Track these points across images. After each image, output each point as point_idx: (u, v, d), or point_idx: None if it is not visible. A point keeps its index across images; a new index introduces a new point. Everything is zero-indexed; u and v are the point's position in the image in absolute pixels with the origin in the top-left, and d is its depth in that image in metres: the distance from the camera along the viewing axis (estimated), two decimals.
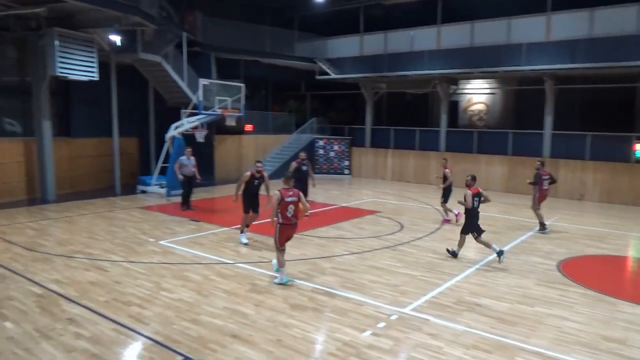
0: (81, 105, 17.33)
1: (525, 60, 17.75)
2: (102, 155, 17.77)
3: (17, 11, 12.57)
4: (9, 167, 14.43)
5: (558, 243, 10.77)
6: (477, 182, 9.39)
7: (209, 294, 7.08)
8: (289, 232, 7.78)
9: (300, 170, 12.93)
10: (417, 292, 7.35)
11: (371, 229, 11.82)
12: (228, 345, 5.44)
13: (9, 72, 15.53)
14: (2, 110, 15.23)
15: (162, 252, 9.26)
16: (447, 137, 21.42)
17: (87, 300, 6.68)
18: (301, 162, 13.30)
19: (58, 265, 8.26)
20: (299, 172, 12.65)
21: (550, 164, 18.24)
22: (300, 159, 13.41)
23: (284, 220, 7.57)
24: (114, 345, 5.41)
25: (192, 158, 13.80)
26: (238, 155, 21.84)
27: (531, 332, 6.01)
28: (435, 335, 5.83)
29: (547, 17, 17.68)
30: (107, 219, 12.36)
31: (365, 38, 22.58)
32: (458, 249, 9.37)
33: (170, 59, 17.70)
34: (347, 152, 23.70)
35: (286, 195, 7.53)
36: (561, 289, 7.67)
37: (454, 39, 19.84)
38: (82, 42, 13.95)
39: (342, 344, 5.55)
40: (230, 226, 11.62)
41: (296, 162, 13.19)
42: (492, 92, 23.48)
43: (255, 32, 22.28)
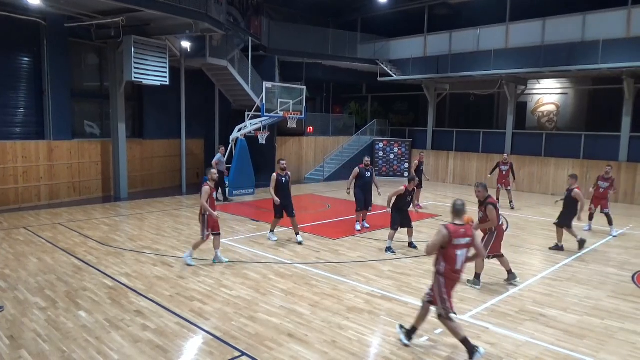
0: (153, 109, 18.31)
1: (601, 57, 16.69)
2: (170, 155, 18.70)
3: (98, 21, 13.51)
4: (88, 166, 15.49)
5: (634, 253, 10.05)
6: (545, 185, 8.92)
7: (266, 292, 7.24)
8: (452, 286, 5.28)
9: (364, 177, 11.48)
10: (477, 299, 7.13)
11: (430, 233, 11.56)
12: (284, 344, 5.54)
13: (90, 78, 16.73)
14: (83, 114, 16.42)
15: (223, 251, 9.54)
16: (514, 140, 20.58)
17: (153, 294, 7.03)
18: (365, 167, 11.55)
19: (128, 260, 8.77)
20: (361, 179, 11.45)
21: (628, 168, 17.11)
22: (363, 164, 11.64)
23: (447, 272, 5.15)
24: (177, 338, 5.66)
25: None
26: (298, 156, 22.18)
27: (601, 346, 5.66)
28: (495, 345, 5.63)
29: (627, 11, 16.55)
30: (174, 216, 12.95)
31: (429, 38, 22.18)
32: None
33: (236, 63, 18.31)
34: (407, 154, 23.38)
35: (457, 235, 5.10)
36: (636, 302, 7.15)
37: (524, 37, 19.00)
38: (156, 48, 14.73)
39: (397, 348, 5.49)
40: (289, 227, 11.79)
41: (358, 168, 11.59)
42: (563, 92, 22.29)
43: (318, 35, 22.51)
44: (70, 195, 14.92)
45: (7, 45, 13.55)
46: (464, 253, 5.16)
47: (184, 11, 13.10)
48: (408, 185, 9.67)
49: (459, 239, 5.08)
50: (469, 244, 5.19)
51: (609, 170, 11.95)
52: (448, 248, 5.05)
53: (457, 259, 5.10)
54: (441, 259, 5.15)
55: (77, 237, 10.37)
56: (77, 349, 5.29)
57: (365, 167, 11.55)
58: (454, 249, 5.06)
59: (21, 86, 13.96)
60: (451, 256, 5.09)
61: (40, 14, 13.45)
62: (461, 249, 5.11)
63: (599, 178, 12.03)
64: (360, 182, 11.46)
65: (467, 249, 5.20)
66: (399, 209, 9.71)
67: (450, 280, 5.17)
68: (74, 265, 8.36)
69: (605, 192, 11.83)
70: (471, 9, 21.51)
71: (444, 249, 5.08)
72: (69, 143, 14.83)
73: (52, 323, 5.95)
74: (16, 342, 5.42)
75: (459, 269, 5.17)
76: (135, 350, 5.29)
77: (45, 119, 14.31)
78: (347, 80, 25.44)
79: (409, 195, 9.71)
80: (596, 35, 16.93)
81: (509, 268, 7.89)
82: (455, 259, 5.09)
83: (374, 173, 11.85)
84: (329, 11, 24.72)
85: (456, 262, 5.11)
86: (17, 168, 13.57)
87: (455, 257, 5.09)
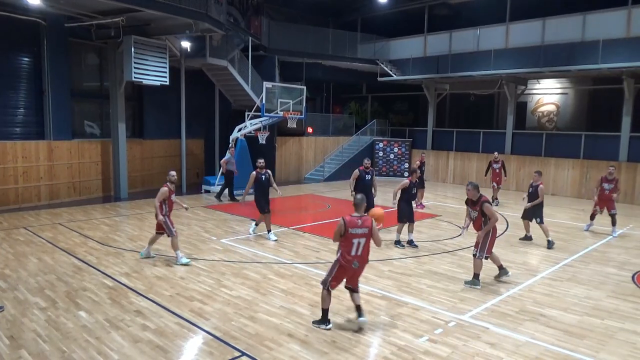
0: (152, 109, 18.31)
1: (601, 57, 16.68)
2: (170, 155, 18.70)
3: (98, 21, 13.52)
4: (88, 166, 15.49)
5: (634, 253, 10.05)
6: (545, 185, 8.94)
7: (266, 292, 7.24)
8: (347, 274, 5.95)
9: (363, 180, 11.07)
10: (477, 299, 7.13)
11: (430, 232, 11.60)
12: (284, 344, 5.54)
13: (90, 78, 16.74)
14: (83, 114, 16.42)
15: (223, 250, 9.58)
16: (514, 140, 20.59)
17: (153, 294, 7.03)
18: (364, 170, 11.19)
19: (128, 260, 8.77)
20: (361, 181, 11.09)
21: (628, 168, 17.11)
22: (363, 167, 11.26)
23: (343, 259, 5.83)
24: (177, 338, 5.66)
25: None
26: (298, 156, 22.19)
27: (601, 346, 5.66)
28: (495, 345, 5.63)
29: (627, 11, 16.55)
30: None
31: (429, 38, 22.18)
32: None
33: (236, 63, 18.32)
34: (407, 154, 23.38)
35: (352, 225, 5.76)
36: (636, 302, 7.15)
37: (524, 37, 19.01)
38: (156, 48, 14.73)
39: (397, 349, 5.49)
40: (289, 226, 11.81)
41: (358, 170, 11.25)
42: (563, 92, 22.29)
43: (318, 35, 22.53)
44: (70, 195, 14.92)
45: (7, 45, 13.55)
46: (360, 242, 5.79)
47: (183, 11, 13.10)
48: (411, 177, 10.21)
49: (355, 229, 5.75)
50: (366, 234, 5.80)
51: (613, 171, 11.73)
52: (346, 236, 5.75)
53: (352, 247, 5.76)
54: (340, 245, 5.86)
55: (77, 237, 10.37)
56: (77, 349, 5.29)
57: (365, 170, 11.18)
58: (351, 237, 5.75)
59: (21, 86, 13.96)
60: (347, 243, 5.77)
61: (40, 13, 13.46)
62: (357, 237, 5.77)
63: (602, 179, 11.76)
64: (359, 185, 11.09)
65: (364, 238, 5.80)
66: (406, 201, 10.10)
67: (343, 264, 5.83)
68: (74, 265, 8.36)
69: (610, 194, 11.61)
70: (471, 9, 21.52)
71: (343, 236, 5.78)
72: (68, 143, 14.82)
73: (52, 323, 5.95)
74: (16, 342, 5.42)
75: (354, 255, 5.80)
76: (135, 350, 5.29)
77: (45, 119, 14.32)
78: (347, 80, 25.44)
79: (413, 187, 10.22)
80: (596, 35, 16.93)
81: (499, 264, 7.93)
82: (351, 246, 5.76)
83: (374, 175, 11.43)
84: (329, 11, 24.72)
85: (351, 249, 5.77)
86: (17, 168, 13.57)
87: (351, 244, 5.75)
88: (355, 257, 5.82)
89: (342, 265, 5.84)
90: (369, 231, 5.82)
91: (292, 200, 16.79)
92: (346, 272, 5.90)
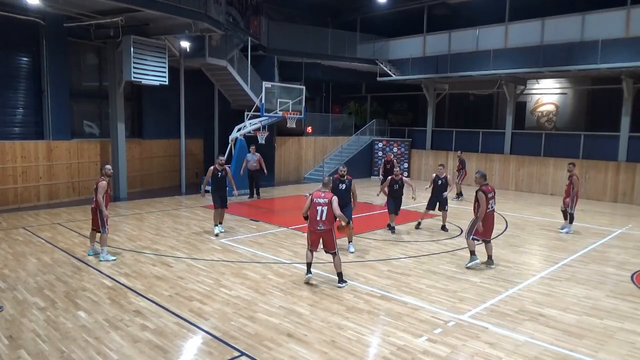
0: (152, 109, 18.30)
1: (601, 57, 16.69)
2: (169, 155, 18.70)
3: (97, 21, 13.50)
4: (87, 166, 15.46)
5: (633, 253, 10.06)
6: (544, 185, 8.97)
7: (265, 292, 7.23)
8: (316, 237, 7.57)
9: (336, 190, 9.16)
10: (476, 299, 7.13)
11: (429, 232, 11.59)
12: (283, 344, 5.54)
13: (89, 78, 16.72)
14: (82, 114, 16.41)
15: (222, 250, 9.58)
16: (513, 140, 20.61)
17: (152, 294, 7.03)
18: (339, 178, 9.55)
19: (127, 260, 8.76)
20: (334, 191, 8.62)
21: (627, 168, 17.13)
22: (338, 175, 9.68)
23: (310, 226, 7.53)
24: (176, 338, 5.66)
25: (257, 154, 16.02)
26: (298, 156, 22.19)
27: (600, 346, 5.66)
28: (494, 345, 5.63)
29: (626, 11, 16.56)
30: (173, 216, 12.95)
31: (428, 38, 22.19)
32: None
33: (235, 63, 18.30)
34: (407, 154, 23.38)
35: (317, 196, 7.50)
36: (635, 301, 7.16)
37: (523, 37, 19.02)
38: (155, 48, 14.72)
39: (397, 348, 5.49)
40: (289, 226, 11.81)
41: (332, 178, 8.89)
42: (562, 92, 22.31)
43: (317, 35, 22.52)
44: (69, 195, 14.90)
45: (6, 45, 13.53)
46: (321, 209, 7.42)
47: (183, 11, 13.09)
48: (439, 173, 11.69)
49: (318, 199, 7.48)
50: (326, 204, 7.42)
51: (571, 168, 11.94)
52: (312, 205, 7.49)
53: (317, 213, 7.45)
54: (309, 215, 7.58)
55: (76, 237, 10.36)
56: (76, 349, 5.28)
57: (340, 178, 9.56)
58: (315, 205, 7.47)
59: (20, 86, 13.94)
60: (313, 211, 7.48)
61: (39, 13, 13.44)
62: (319, 206, 7.45)
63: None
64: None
65: (325, 207, 7.41)
66: (433, 195, 11.68)
67: (311, 230, 7.59)
68: (73, 265, 8.36)
69: (567, 189, 11.96)
70: (470, 8, 21.52)
71: (309, 207, 7.52)
72: (68, 143, 14.81)
73: (51, 323, 5.94)
74: (15, 342, 5.41)
75: (319, 220, 7.43)
76: (134, 351, 5.29)
77: (45, 119, 14.30)
78: (346, 80, 25.45)
79: (439, 180, 11.63)
80: (595, 35, 16.95)
81: (490, 254, 8.82)
82: (316, 213, 7.45)
83: (352, 184, 9.58)
84: (328, 11, 24.72)
85: (316, 215, 7.44)
86: (16, 168, 13.55)
87: (316, 211, 7.46)
88: (320, 222, 7.41)
89: (311, 231, 7.54)
90: (329, 201, 7.41)
91: (291, 200, 16.79)
92: (315, 235, 7.52)
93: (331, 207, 7.38)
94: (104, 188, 8.60)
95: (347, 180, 9.55)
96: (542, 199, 17.54)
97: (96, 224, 8.73)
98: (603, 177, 17.39)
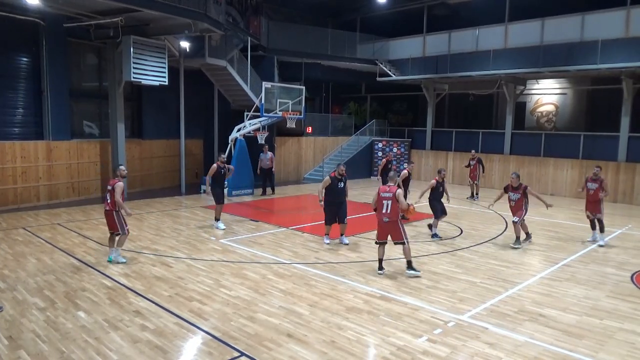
0: (152, 109, 18.29)
1: (600, 57, 16.69)
2: (169, 155, 18.69)
3: (97, 21, 13.49)
4: (87, 166, 15.46)
5: (633, 253, 10.06)
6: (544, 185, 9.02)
7: (265, 292, 7.23)
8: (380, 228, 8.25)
9: (335, 188, 9.95)
10: (476, 299, 7.13)
11: (429, 232, 11.59)
12: (283, 344, 5.54)
13: (89, 78, 16.72)
14: (82, 114, 16.40)
15: (222, 251, 9.58)
16: (513, 140, 20.61)
17: (152, 294, 7.03)
18: (337, 177, 10.01)
19: (127, 260, 8.74)
20: (333, 189, 9.97)
21: (626, 168, 17.13)
22: (336, 173, 10.06)
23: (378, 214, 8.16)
24: (176, 338, 5.66)
25: (269, 153, 17.03)
26: (298, 156, 22.20)
27: (600, 346, 5.66)
28: (494, 345, 5.63)
29: (625, 11, 16.56)
30: (173, 217, 12.95)
31: (428, 38, 22.19)
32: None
33: (235, 63, 18.30)
34: (407, 154, 23.38)
35: (383, 190, 8.09)
36: (635, 302, 7.16)
37: (523, 37, 19.01)
38: (155, 48, 14.70)
39: (397, 349, 5.49)
40: (288, 227, 11.81)
41: (330, 177, 10.06)
42: (562, 92, 22.31)
43: (317, 35, 22.51)
44: (69, 196, 14.90)
45: (6, 45, 13.53)
46: (387, 203, 8.02)
47: (183, 11, 13.08)
48: (438, 177, 11.16)
49: (384, 193, 8.08)
50: (391, 197, 7.97)
51: (598, 172, 10.88)
52: (378, 199, 8.11)
53: (383, 206, 8.04)
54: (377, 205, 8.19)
55: (76, 238, 10.36)
56: (76, 350, 5.28)
57: (338, 177, 9.98)
58: (381, 200, 8.06)
59: (20, 86, 13.94)
60: (380, 203, 8.09)
61: (39, 14, 13.44)
62: (385, 200, 8.03)
63: (586, 180, 11.01)
64: (330, 194, 10.01)
65: (390, 200, 7.98)
66: (435, 199, 11.14)
67: (377, 219, 8.22)
68: (73, 266, 8.36)
69: (595, 195, 10.64)
70: (470, 9, 21.52)
71: (377, 200, 8.16)
72: (67, 143, 14.80)
73: (51, 323, 5.94)
74: (15, 343, 5.41)
75: (384, 212, 8.04)
76: (134, 351, 5.29)
77: (44, 119, 14.30)
78: (346, 80, 25.45)
79: (440, 186, 11.08)
80: (595, 35, 16.94)
81: (527, 231, 10.38)
82: (382, 206, 8.06)
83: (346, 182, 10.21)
84: (328, 11, 24.72)
85: (382, 208, 8.06)
86: (16, 168, 13.55)
87: (382, 204, 8.05)
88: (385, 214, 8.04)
89: (378, 223, 8.20)
90: (393, 195, 7.98)
91: (291, 200, 16.80)
92: (381, 227, 8.18)
93: (396, 200, 7.92)
94: (122, 188, 8.50)
95: (344, 178, 10.18)
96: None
97: (114, 227, 8.53)
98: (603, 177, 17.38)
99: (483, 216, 13.99)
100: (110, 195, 8.47)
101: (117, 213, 8.48)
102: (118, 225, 8.49)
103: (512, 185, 10.17)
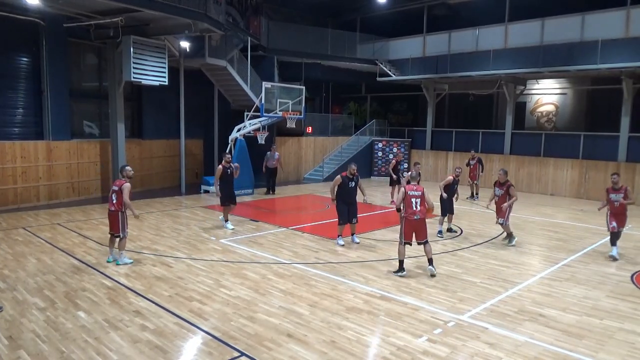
0: (152, 109, 18.29)
1: (600, 57, 16.69)
2: (169, 155, 18.69)
3: (97, 21, 13.48)
4: (87, 166, 15.46)
5: (633, 253, 10.05)
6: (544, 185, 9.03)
7: (265, 292, 7.23)
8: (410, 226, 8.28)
9: (346, 187, 10.01)
10: (476, 299, 7.13)
11: (429, 232, 11.54)
12: (283, 344, 5.53)
13: (89, 78, 16.72)
14: (82, 114, 16.40)
15: (222, 251, 9.58)
16: (513, 140, 20.62)
17: (152, 294, 7.03)
18: (348, 176, 10.04)
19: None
20: (344, 188, 10.00)
21: (626, 168, 17.13)
22: (347, 173, 10.10)
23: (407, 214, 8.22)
24: (176, 338, 5.66)
25: (277, 153, 17.47)
26: (298, 156, 22.19)
27: (600, 346, 5.66)
28: (494, 345, 5.63)
29: (626, 11, 16.56)
30: (173, 217, 12.95)
31: (428, 38, 22.18)
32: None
33: (235, 63, 18.30)
34: (407, 154, 23.38)
35: (410, 189, 8.28)
36: (635, 302, 7.16)
37: (523, 37, 18.99)
38: (155, 48, 14.68)
39: (396, 349, 5.49)
40: (288, 227, 11.81)
41: (341, 177, 10.04)
42: (562, 92, 22.31)
43: (317, 35, 22.51)
44: (69, 196, 14.90)
45: (6, 45, 13.52)
46: (416, 201, 8.19)
47: (183, 11, 13.08)
48: (454, 174, 11.37)
49: (412, 192, 8.23)
50: (419, 196, 8.21)
51: (616, 179, 9.58)
52: (406, 197, 8.20)
53: (412, 204, 8.18)
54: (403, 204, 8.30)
55: (76, 238, 10.36)
56: (76, 350, 5.28)
57: (350, 176, 10.03)
58: (410, 198, 8.20)
59: (20, 86, 13.94)
60: (409, 202, 8.20)
61: (39, 14, 13.43)
62: (414, 198, 8.21)
63: (608, 191, 9.66)
64: (342, 193, 10.04)
65: (419, 198, 8.18)
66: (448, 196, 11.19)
67: (407, 218, 8.21)
68: (73, 266, 8.35)
69: (621, 207, 9.45)
70: (470, 9, 21.52)
71: (404, 199, 8.23)
72: (67, 143, 14.80)
73: (51, 323, 5.94)
74: (15, 343, 5.41)
75: (414, 210, 8.16)
76: (134, 351, 5.29)
77: (44, 119, 14.29)
78: (346, 80, 25.44)
79: (455, 184, 11.27)
80: (595, 35, 16.93)
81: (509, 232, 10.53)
82: (411, 204, 8.19)
83: (359, 180, 10.27)
84: (328, 11, 24.71)
85: (412, 205, 8.18)
86: (16, 168, 13.55)
87: (411, 202, 8.19)
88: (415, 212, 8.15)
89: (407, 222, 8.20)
90: (422, 193, 8.22)
91: (291, 200, 16.80)
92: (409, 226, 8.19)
93: (424, 198, 8.22)
94: (129, 189, 8.40)
95: (356, 177, 10.20)
96: (541, 199, 17.54)
97: (115, 229, 8.47)
98: (603, 177, 17.31)
99: (483, 216, 13.98)
100: (117, 195, 8.38)
101: (122, 214, 8.44)
102: (120, 227, 8.45)
103: (499, 181, 10.42)
